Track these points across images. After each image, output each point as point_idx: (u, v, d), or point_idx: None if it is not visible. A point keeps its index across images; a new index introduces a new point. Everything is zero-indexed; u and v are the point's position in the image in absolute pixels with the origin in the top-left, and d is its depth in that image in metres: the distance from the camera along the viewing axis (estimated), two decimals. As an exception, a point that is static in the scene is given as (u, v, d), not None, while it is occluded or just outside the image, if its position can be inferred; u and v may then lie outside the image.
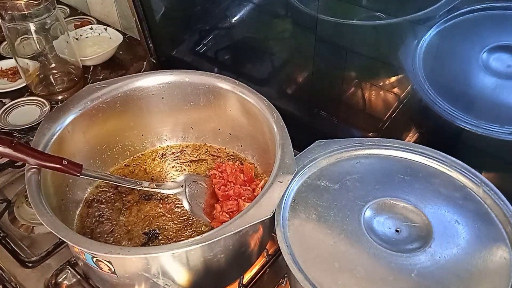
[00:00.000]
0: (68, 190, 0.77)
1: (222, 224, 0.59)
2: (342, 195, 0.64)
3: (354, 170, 0.67)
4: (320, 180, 0.66)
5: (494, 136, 0.68)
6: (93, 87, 0.80)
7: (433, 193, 0.63)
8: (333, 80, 0.86)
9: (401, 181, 0.65)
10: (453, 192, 0.63)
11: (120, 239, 0.75)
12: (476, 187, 0.63)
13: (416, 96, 0.74)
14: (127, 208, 0.80)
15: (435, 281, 0.54)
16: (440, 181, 0.65)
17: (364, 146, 0.70)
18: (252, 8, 0.90)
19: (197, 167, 0.87)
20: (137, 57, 1.25)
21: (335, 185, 0.65)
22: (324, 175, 0.67)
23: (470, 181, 0.64)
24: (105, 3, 1.33)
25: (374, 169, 0.67)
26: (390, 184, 0.65)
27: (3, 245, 0.79)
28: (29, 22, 0.99)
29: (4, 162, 0.93)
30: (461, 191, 0.64)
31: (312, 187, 0.66)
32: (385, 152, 0.69)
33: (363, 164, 0.68)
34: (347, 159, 0.69)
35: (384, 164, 0.68)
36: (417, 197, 0.63)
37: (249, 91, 0.78)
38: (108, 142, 0.84)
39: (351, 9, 0.73)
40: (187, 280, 0.64)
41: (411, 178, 0.66)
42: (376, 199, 0.63)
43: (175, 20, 1.11)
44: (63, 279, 0.75)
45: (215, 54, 1.06)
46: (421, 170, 0.67)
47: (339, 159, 0.69)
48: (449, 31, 0.65)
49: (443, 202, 0.62)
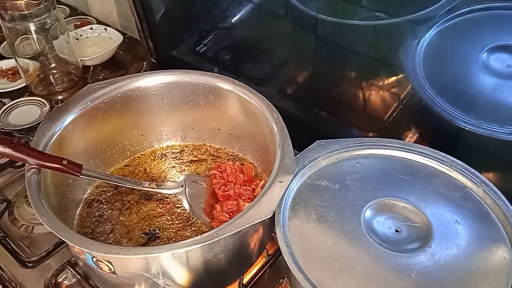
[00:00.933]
0: (68, 190, 0.77)
1: (222, 224, 0.59)
2: (342, 195, 0.64)
3: (354, 170, 0.67)
4: (320, 180, 0.66)
5: (494, 136, 0.68)
6: (93, 87, 0.80)
7: (433, 193, 0.63)
8: (333, 80, 0.86)
9: (401, 181, 0.65)
10: (453, 192, 0.63)
11: (120, 239, 0.75)
12: (476, 187, 0.63)
13: (416, 96, 0.74)
14: (127, 208, 0.80)
15: (435, 281, 0.54)
16: (440, 181, 0.65)
17: (364, 146, 0.70)
18: (252, 8, 0.90)
19: (197, 167, 0.87)
20: (137, 57, 1.25)
21: (335, 185, 0.65)
22: (324, 175, 0.67)
23: (470, 181, 0.64)
24: (105, 3, 1.33)
25: (374, 169, 0.67)
26: (390, 184, 0.65)
27: (3, 245, 0.79)
28: (29, 22, 0.99)
29: (4, 162, 0.93)
30: (461, 191, 0.63)
31: (312, 187, 0.66)
32: (385, 152, 0.69)
33: (363, 164, 0.68)
34: (347, 159, 0.69)
35: (384, 164, 0.68)
36: (417, 197, 0.62)
37: (249, 91, 0.78)
38: (108, 142, 0.84)
39: (351, 9, 0.73)
40: (187, 280, 0.64)
41: (411, 178, 0.65)
42: (376, 199, 0.63)
43: (175, 20, 1.11)
44: (63, 279, 0.75)
45: (215, 54, 1.06)
46: (421, 170, 0.67)
47: (339, 159, 0.69)
48: (449, 31, 0.65)
49: (443, 202, 0.62)
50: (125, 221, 0.78)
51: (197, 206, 0.75)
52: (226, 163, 0.83)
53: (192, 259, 0.62)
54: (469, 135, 0.70)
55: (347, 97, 0.85)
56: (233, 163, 0.84)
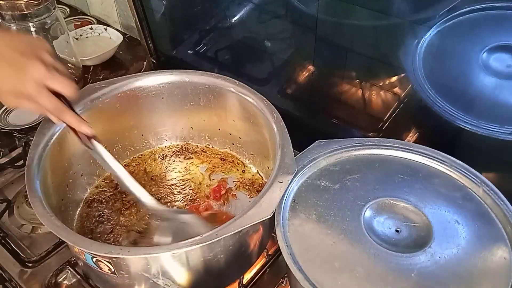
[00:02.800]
0: (68, 190, 0.77)
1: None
2: (342, 195, 0.64)
3: (354, 170, 0.67)
4: (320, 180, 0.66)
5: (494, 136, 0.68)
6: (93, 87, 0.80)
7: (433, 193, 0.63)
8: (333, 80, 0.86)
9: (401, 181, 0.65)
10: (453, 192, 0.63)
11: (120, 239, 0.75)
12: (476, 187, 0.63)
13: (416, 96, 0.74)
14: (127, 208, 0.79)
15: (435, 281, 0.54)
16: (440, 181, 0.65)
17: (364, 146, 0.70)
18: (252, 8, 0.90)
19: (197, 167, 0.87)
20: (137, 57, 1.25)
21: (335, 185, 0.65)
22: (324, 175, 0.67)
23: (470, 181, 0.64)
24: (105, 3, 1.33)
25: (374, 169, 0.67)
26: (390, 184, 0.64)
27: (3, 245, 0.79)
28: (29, 22, 0.99)
29: (4, 162, 0.93)
30: (461, 191, 0.63)
31: (312, 187, 0.66)
32: (385, 152, 0.69)
33: (363, 164, 0.68)
34: (347, 159, 0.69)
35: (384, 164, 0.68)
36: (417, 197, 0.62)
37: (249, 91, 0.78)
38: (108, 142, 0.84)
39: (351, 9, 0.73)
40: (187, 280, 0.64)
41: (411, 178, 0.65)
42: (376, 199, 0.63)
43: (175, 20, 1.11)
44: (63, 279, 0.75)
45: (215, 54, 1.06)
46: (421, 170, 0.67)
47: (339, 159, 0.69)
48: (449, 31, 0.65)
49: (443, 202, 0.62)
50: (125, 221, 0.78)
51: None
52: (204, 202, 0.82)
53: (192, 259, 0.62)
54: (469, 135, 0.70)
55: (347, 97, 0.85)
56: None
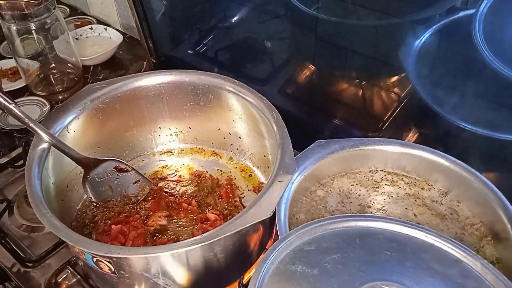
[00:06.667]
0: (68, 190, 0.77)
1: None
2: (323, 282, 0.51)
3: (333, 249, 0.55)
4: (294, 265, 0.53)
5: (494, 136, 0.68)
6: (93, 87, 0.80)
7: (427, 272, 0.54)
8: (333, 80, 0.86)
9: (388, 259, 0.55)
10: (448, 268, 0.54)
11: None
12: (472, 260, 0.55)
13: (416, 96, 0.74)
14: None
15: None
16: (431, 256, 0.56)
17: (339, 219, 0.59)
18: (252, 8, 0.90)
19: (196, 167, 0.87)
20: (137, 57, 1.25)
21: (313, 269, 0.53)
22: (299, 258, 0.54)
23: (463, 252, 0.55)
24: (105, 3, 1.33)
25: (355, 246, 0.56)
26: (377, 264, 0.54)
27: (3, 245, 0.79)
28: (29, 22, 0.99)
29: (4, 162, 0.93)
30: (457, 266, 0.54)
31: (287, 275, 0.52)
32: (364, 224, 0.59)
33: (341, 240, 0.57)
34: (322, 236, 0.57)
35: (365, 239, 0.57)
36: (410, 279, 0.52)
37: (249, 91, 0.78)
38: (108, 142, 0.84)
39: (351, 9, 0.73)
40: (187, 280, 0.64)
41: (398, 254, 0.55)
42: (364, 284, 0.51)
43: (175, 20, 1.11)
44: (63, 279, 0.75)
45: (215, 54, 1.06)
46: (407, 244, 0.57)
47: (313, 235, 0.57)
48: (449, 31, 0.65)
49: (440, 282, 0.53)
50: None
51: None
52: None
53: (192, 259, 0.62)
54: (469, 135, 0.70)
55: (347, 97, 0.85)
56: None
